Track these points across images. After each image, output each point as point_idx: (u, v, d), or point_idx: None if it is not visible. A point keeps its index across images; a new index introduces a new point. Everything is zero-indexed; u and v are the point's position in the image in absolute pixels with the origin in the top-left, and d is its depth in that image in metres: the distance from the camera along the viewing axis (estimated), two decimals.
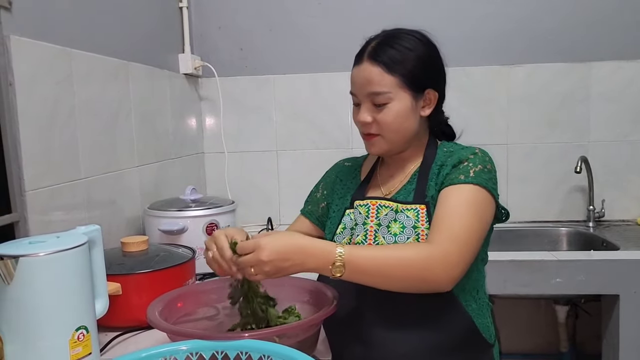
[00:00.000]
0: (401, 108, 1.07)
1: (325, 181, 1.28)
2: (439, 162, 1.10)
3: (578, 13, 2.18)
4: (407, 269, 0.95)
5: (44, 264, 0.86)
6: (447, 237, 0.97)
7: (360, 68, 1.09)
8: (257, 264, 0.92)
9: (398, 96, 1.06)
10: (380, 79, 1.05)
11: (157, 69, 1.89)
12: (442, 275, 0.96)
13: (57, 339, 0.87)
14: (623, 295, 1.74)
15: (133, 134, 1.68)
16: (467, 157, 1.07)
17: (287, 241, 0.94)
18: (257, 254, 0.92)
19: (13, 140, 1.12)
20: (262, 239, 0.93)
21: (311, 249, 0.94)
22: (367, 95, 1.08)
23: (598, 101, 2.21)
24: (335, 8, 2.26)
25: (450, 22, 2.22)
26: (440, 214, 1.02)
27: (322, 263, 0.94)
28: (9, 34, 1.11)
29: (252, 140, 2.35)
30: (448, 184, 1.05)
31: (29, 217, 1.15)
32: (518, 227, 2.26)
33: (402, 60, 1.06)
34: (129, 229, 1.62)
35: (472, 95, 2.23)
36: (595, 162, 2.20)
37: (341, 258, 0.93)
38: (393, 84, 1.06)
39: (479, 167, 1.05)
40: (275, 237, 0.94)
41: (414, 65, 1.07)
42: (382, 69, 1.05)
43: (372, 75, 1.06)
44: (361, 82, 1.08)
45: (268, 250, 0.91)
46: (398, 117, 1.07)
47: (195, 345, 0.85)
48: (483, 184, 1.04)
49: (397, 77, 1.06)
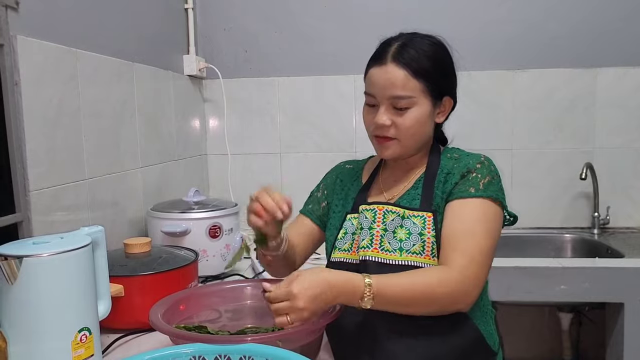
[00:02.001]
0: (421, 114, 1.07)
1: (326, 182, 1.27)
2: (446, 170, 1.10)
3: (584, 19, 2.18)
4: (432, 297, 0.97)
5: (47, 265, 0.85)
6: (466, 260, 0.99)
7: (383, 69, 1.06)
8: (294, 312, 0.91)
9: (420, 101, 1.06)
10: (405, 83, 1.04)
11: (161, 70, 1.88)
12: (463, 299, 0.99)
13: (60, 340, 0.87)
14: (628, 304, 1.73)
15: (137, 135, 1.68)
16: (474, 167, 1.07)
17: (318, 283, 0.93)
18: (293, 303, 0.91)
19: (18, 140, 1.12)
20: (294, 285, 0.91)
21: (341, 285, 0.94)
22: (388, 98, 1.06)
23: (604, 107, 2.20)
24: (340, 11, 2.25)
25: (457, 27, 2.21)
26: (455, 230, 1.02)
27: (351, 297, 0.95)
28: (15, 33, 1.11)
29: (255, 143, 2.34)
30: (458, 196, 1.05)
31: (33, 217, 1.15)
32: (522, 233, 2.25)
33: (427, 66, 1.05)
34: (131, 231, 1.61)
35: (478, 100, 2.23)
36: (600, 168, 2.19)
37: (369, 291, 0.94)
38: (417, 89, 1.05)
39: (487, 178, 1.06)
40: (306, 281, 0.92)
41: (438, 72, 1.07)
42: (408, 73, 1.04)
43: (398, 78, 1.04)
44: (384, 84, 1.06)
45: (303, 299, 0.91)
46: (417, 122, 1.07)
47: (198, 348, 0.84)
48: (494, 197, 1.05)
49: (422, 83, 1.05)
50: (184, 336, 0.91)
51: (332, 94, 2.29)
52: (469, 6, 2.21)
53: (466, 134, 2.27)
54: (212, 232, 1.56)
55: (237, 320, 1.13)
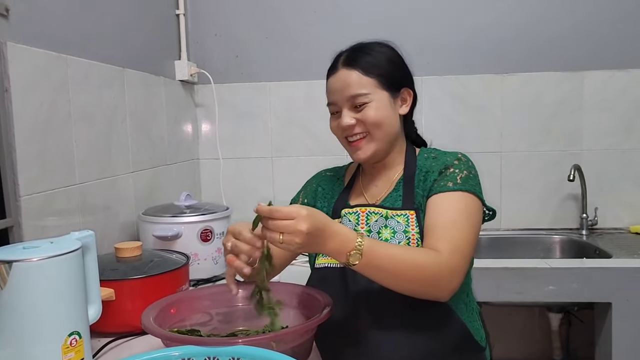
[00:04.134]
0: (381, 104, 1.11)
1: (306, 190, 1.28)
2: (425, 169, 1.12)
3: (572, 23, 2.20)
4: (418, 273, 0.96)
5: (37, 269, 0.86)
6: (451, 249, 0.99)
7: (336, 76, 1.13)
8: (293, 233, 0.86)
9: (377, 96, 1.10)
10: (358, 81, 1.10)
11: (153, 76, 1.89)
12: (446, 285, 0.99)
13: (50, 344, 0.87)
14: (616, 303, 1.75)
15: (128, 140, 1.68)
16: (452, 163, 1.10)
17: (321, 219, 0.90)
18: (297, 223, 0.86)
19: (8, 146, 1.13)
20: (302, 208, 0.88)
21: (336, 230, 0.92)
22: (347, 99, 1.11)
23: (591, 110, 2.23)
24: (330, 16, 2.27)
25: (445, 32, 2.24)
26: (437, 221, 1.04)
27: (341, 247, 0.92)
28: (5, 40, 1.12)
29: (247, 147, 2.36)
30: (437, 191, 1.07)
31: (23, 222, 1.15)
32: (511, 234, 2.27)
33: (376, 62, 1.11)
34: (123, 235, 1.62)
35: (467, 104, 2.25)
36: (588, 170, 2.21)
37: (360, 247, 0.92)
38: (371, 84, 1.10)
39: (465, 173, 1.09)
40: (313, 210, 0.90)
41: (388, 66, 1.12)
42: (359, 72, 1.10)
43: (351, 79, 1.10)
44: (340, 87, 1.11)
45: (309, 223, 0.86)
46: (379, 112, 1.10)
47: (187, 350, 0.85)
48: (471, 190, 1.07)
49: (375, 78, 1.10)
50: (177, 339, 0.92)
51: (323, 98, 2.27)
52: (457, 11, 2.24)
53: (456, 137, 2.33)
54: (203, 236, 1.57)
55: (228, 323, 1.14)
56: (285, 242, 0.87)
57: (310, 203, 1.24)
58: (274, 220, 0.88)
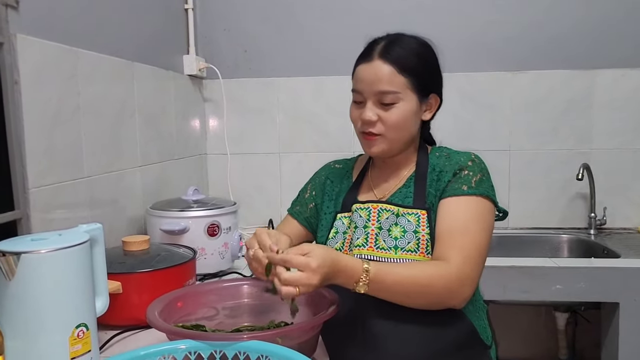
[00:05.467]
0: (407, 109, 1.08)
1: (314, 182, 1.28)
2: (438, 168, 1.11)
3: (583, 20, 2.19)
4: (428, 291, 0.98)
5: (45, 261, 0.86)
6: (462, 257, 0.99)
7: (370, 65, 1.08)
8: (307, 285, 0.89)
9: (406, 97, 1.08)
10: (391, 78, 1.06)
11: (161, 70, 1.90)
12: (459, 296, 1.00)
13: (57, 336, 0.87)
14: (623, 304, 1.74)
15: (136, 134, 1.69)
16: (466, 164, 1.09)
17: (328, 262, 0.91)
18: (309, 277, 0.89)
19: (17, 138, 1.13)
20: (312, 260, 0.89)
21: (342, 267, 0.93)
22: (375, 94, 1.08)
23: (601, 109, 2.21)
24: (340, 12, 2.26)
25: (454, 28, 2.22)
26: (450, 228, 1.04)
27: (348, 280, 0.95)
28: (15, 32, 1.12)
29: (254, 142, 2.36)
30: (451, 194, 1.07)
31: (32, 215, 1.16)
32: (519, 233, 2.26)
33: (413, 62, 1.07)
34: (130, 229, 1.62)
35: (475, 101, 2.24)
36: (597, 169, 2.20)
37: (366, 279, 0.94)
38: (404, 85, 1.07)
39: (479, 175, 1.08)
40: (320, 257, 0.90)
41: (424, 69, 1.09)
42: (394, 68, 1.06)
43: (384, 73, 1.06)
44: (371, 79, 1.08)
45: (318, 276, 0.89)
46: (403, 118, 1.08)
47: (194, 344, 0.85)
48: (485, 194, 1.06)
49: (408, 79, 1.07)
50: (181, 334, 0.92)
51: (332, 94, 2.29)
52: (467, 7, 2.22)
53: (464, 135, 2.32)
54: (210, 231, 1.57)
55: (234, 318, 1.14)
56: (302, 292, 0.90)
57: (318, 196, 1.24)
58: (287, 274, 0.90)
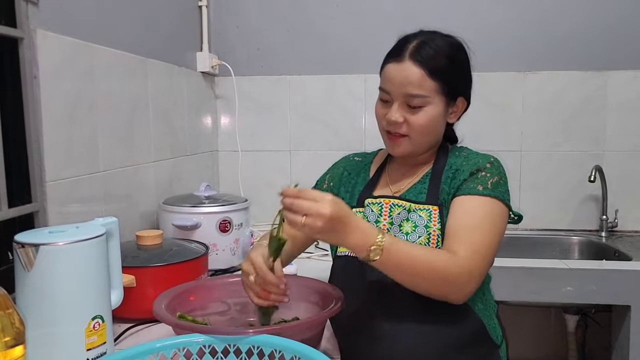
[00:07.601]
0: (434, 113, 1.07)
1: (333, 172, 1.27)
2: (455, 167, 1.11)
3: (596, 21, 2.17)
4: (435, 273, 0.96)
5: (63, 253, 0.87)
6: (470, 252, 0.99)
7: (400, 66, 1.06)
8: (316, 215, 0.86)
9: (434, 101, 1.07)
10: (421, 82, 1.05)
11: (175, 66, 1.91)
12: (462, 288, 0.99)
13: (74, 327, 0.89)
14: (635, 306, 1.73)
15: (150, 130, 1.70)
16: (484, 166, 1.08)
17: (346, 209, 0.90)
18: (320, 206, 0.86)
19: (36, 132, 1.15)
20: (328, 194, 0.88)
21: (359, 225, 0.91)
22: (403, 96, 1.06)
23: (614, 110, 2.20)
24: (353, 10, 2.27)
25: (467, 27, 2.18)
26: (461, 223, 1.03)
27: (363, 241, 0.91)
28: (35, 27, 1.13)
29: (266, 140, 2.37)
30: (466, 192, 1.06)
31: (49, 208, 1.17)
32: (530, 234, 2.25)
33: (444, 66, 1.06)
34: (143, 223, 1.64)
35: (488, 101, 2.23)
36: (609, 171, 2.19)
37: (381, 244, 0.91)
38: (433, 89, 1.05)
39: (496, 178, 1.07)
40: (339, 199, 0.90)
41: (455, 73, 1.08)
42: (424, 72, 1.04)
43: (414, 76, 1.05)
44: (400, 81, 1.06)
45: (333, 208, 0.86)
46: (430, 121, 1.07)
47: (209, 338, 0.86)
48: (500, 197, 1.06)
49: (438, 83, 1.05)
50: (185, 327, 0.93)
51: (343, 92, 2.30)
52: (480, 7, 2.22)
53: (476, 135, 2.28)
54: (222, 227, 1.59)
55: (246, 313, 1.15)
56: (308, 224, 0.86)
57: (336, 186, 1.24)
58: (299, 200, 0.87)
